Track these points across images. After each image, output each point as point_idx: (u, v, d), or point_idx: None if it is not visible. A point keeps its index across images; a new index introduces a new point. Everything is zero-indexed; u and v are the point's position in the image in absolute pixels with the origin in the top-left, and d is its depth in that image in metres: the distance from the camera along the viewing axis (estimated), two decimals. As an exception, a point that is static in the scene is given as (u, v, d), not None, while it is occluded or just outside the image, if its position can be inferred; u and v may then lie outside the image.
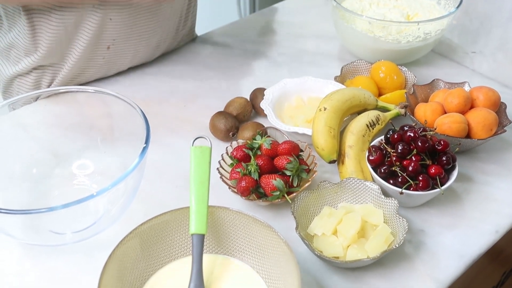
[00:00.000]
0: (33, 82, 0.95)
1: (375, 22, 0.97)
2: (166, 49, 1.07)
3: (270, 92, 0.90)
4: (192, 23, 1.12)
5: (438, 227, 0.74)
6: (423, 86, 0.91)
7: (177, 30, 1.05)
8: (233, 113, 0.89)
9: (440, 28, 0.99)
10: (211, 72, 1.05)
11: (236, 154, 0.77)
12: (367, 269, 0.68)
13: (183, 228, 0.66)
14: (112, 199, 0.68)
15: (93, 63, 0.96)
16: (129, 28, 0.93)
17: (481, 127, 0.81)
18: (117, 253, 0.60)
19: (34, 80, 0.95)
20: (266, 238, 0.63)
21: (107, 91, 0.76)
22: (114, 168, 0.78)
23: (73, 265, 0.69)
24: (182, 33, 1.09)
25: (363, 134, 0.80)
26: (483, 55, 1.04)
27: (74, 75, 0.96)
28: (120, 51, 0.96)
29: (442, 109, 0.84)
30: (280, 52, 1.11)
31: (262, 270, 0.64)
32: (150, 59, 1.05)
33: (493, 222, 0.75)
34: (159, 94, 0.99)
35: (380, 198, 0.72)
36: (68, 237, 0.69)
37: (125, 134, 0.78)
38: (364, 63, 0.98)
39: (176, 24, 1.04)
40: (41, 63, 0.92)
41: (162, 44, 1.04)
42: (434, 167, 0.73)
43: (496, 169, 0.83)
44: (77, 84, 0.99)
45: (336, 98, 0.82)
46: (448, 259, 0.70)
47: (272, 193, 0.73)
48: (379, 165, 0.75)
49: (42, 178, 0.78)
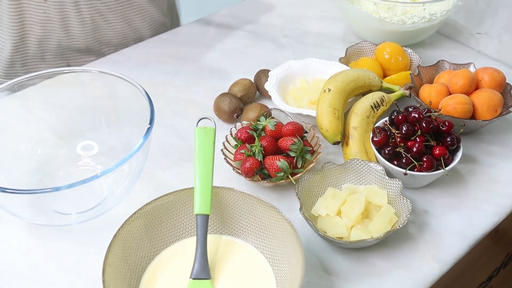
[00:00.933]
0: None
1: (380, 3, 0.96)
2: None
3: (274, 73, 0.89)
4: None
5: (442, 208, 0.74)
6: (428, 67, 0.91)
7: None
8: (237, 94, 0.89)
9: (445, 9, 0.98)
10: (215, 53, 1.05)
11: (240, 135, 0.77)
12: (370, 249, 0.69)
13: (187, 208, 0.66)
14: (116, 180, 0.68)
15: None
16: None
17: (486, 108, 0.80)
18: (122, 233, 0.60)
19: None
20: (270, 218, 0.64)
21: (111, 72, 0.76)
22: (118, 149, 0.78)
23: (78, 245, 0.69)
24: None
25: (368, 115, 0.80)
26: (489, 36, 1.03)
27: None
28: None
29: (447, 90, 0.84)
30: (285, 33, 1.10)
31: (266, 251, 0.65)
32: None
33: (497, 203, 0.75)
34: (163, 76, 0.98)
35: (384, 179, 0.73)
36: (73, 218, 0.70)
37: (130, 115, 0.78)
38: (369, 44, 0.98)
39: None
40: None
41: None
42: (438, 148, 0.72)
43: (501, 150, 0.83)
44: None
45: (341, 80, 0.82)
46: (451, 239, 0.70)
47: (276, 174, 0.73)
48: (383, 146, 0.75)
49: (47, 159, 0.78)
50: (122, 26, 0.99)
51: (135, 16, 1.00)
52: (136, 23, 1.00)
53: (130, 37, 1.01)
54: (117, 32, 1.00)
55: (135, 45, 1.07)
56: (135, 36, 1.03)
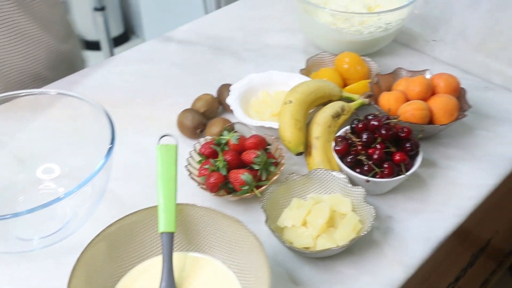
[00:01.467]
0: None
1: (337, 14, 0.98)
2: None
3: (236, 87, 0.90)
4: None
5: (405, 212, 0.76)
6: (386, 75, 0.93)
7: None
8: (200, 110, 0.89)
9: (400, 18, 1.00)
10: (177, 69, 1.05)
11: (204, 150, 0.78)
12: (337, 257, 0.69)
13: (152, 227, 0.66)
14: (79, 201, 0.67)
15: None
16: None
17: (443, 112, 0.82)
18: (84, 257, 0.59)
19: None
20: (236, 232, 0.64)
21: (69, 93, 0.75)
22: (80, 171, 0.76)
23: (42, 272, 0.68)
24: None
25: (329, 125, 0.81)
26: (443, 43, 1.06)
27: None
28: None
29: (405, 97, 0.86)
30: (246, 47, 1.11)
31: (233, 265, 0.65)
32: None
33: (457, 205, 0.77)
34: (124, 94, 0.98)
35: (348, 187, 0.74)
36: (35, 243, 0.69)
37: (91, 136, 0.77)
38: (328, 55, 0.99)
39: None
40: None
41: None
42: (398, 154, 0.74)
43: (459, 153, 0.85)
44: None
45: (301, 91, 0.83)
46: (415, 243, 0.71)
47: (241, 188, 0.73)
48: (345, 155, 0.76)
49: (7, 184, 0.76)
50: (18, 61, 0.92)
51: (29, 48, 0.92)
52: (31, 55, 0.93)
53: (27, 72, 0.94)
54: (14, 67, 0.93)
55: (96, 64, 1.06)
56: (33, 71, 0.96)
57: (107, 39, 2.65)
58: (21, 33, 0.89)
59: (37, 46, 0.95)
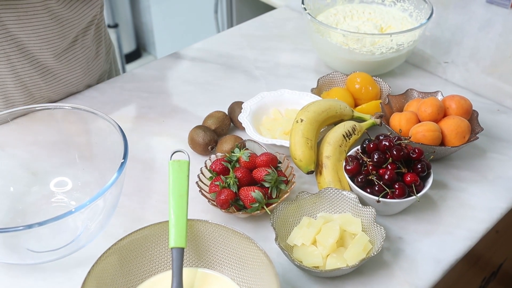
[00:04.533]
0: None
1: (349, 34, 0.99)
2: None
3: (247, 105, 0.91)
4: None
5: (416, 234, 0.75)
6: (398, 96, 0.93)
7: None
8: (212, 126, 0.90)
9: (412, 39, 1.01)
10: (189, 86, 1.06)
11: (215, 167, 0.78)
12: (346, 277, 0.69)
13: (162, 242, 0.66)
14: (91, 215, 0.68)
15: None
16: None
17: (455, 134, 0.82)
18: (96, 270, 0.60)
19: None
20: (246, 249, 0.64)
21: (84, 108, 0.76)
22: (92, 185, 0.78)
23: (52, 284, 0.68)
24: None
25: (340, 144, 0.82)
26: (455, 65, 1.06)
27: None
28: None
29: (416, 118, 0.86)
30: (257, 65, 1.12)
31: (242, 282, 0.64)
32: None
33: (469, 227, 0.76)
34: (137, 110, 0.99)
35: (358, 207, 0.73)
36: (46, 256, 0.69)
37: (103, 150, 0.78)
38: (339, 74, 1.00)
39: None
40: None
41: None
42: (409, 175, 0.74)
43: (470, 175, 0.85)
44: None
45: (313, 110, 0.83)
46: (425, 265, 0.71)
47: (251, 205, 0.73)
48: (356, 175, 0.76)
49: (20, 196, 0.77)
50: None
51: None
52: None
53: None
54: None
55: (109, 80, 1.07)
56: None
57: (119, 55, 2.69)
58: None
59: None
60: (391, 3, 1.12)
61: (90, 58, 1.01)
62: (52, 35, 0.89)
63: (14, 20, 0.84)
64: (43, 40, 0.88)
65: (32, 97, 0.95)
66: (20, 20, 0.84)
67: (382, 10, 1.12)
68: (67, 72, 0.97)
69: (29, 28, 0.86)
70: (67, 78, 0.98)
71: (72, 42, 0.94)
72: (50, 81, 0.95)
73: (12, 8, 0.82)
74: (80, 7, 0.92)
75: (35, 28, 0.86)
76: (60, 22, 0.89)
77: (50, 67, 0.93)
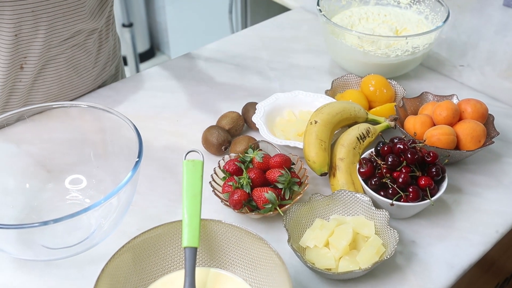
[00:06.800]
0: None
1: (364, 36, 0.99)
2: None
3: (261, 106, 0.91)
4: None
5: (429, 238, 0.75)
6: (412, 99, 0.93)
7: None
8: (225, 127, 0.90)
9: (428, 42, 1.00)
10: (203, 87, 1.06)
11: (228, 167, 0.78)
12: (359, 280, 0.69)
13: (175, 241, 0.66)
14: (105, 213, 0.68)
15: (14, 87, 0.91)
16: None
17: (470, 138, 0.82)
18: (109, 268, 0.60)
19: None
20: (259, 250, 0.64)
21: (99, 106, 0.76)
22: (107, 183, 0.78)
23: (65, 280, 0.69)
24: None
25: (354, 146, 0.81)
26: (471, 68, 1.06)
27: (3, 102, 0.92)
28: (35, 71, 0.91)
29: (431, 121, 0.85)
30: (272, 66, 1.12)
31: (254, 283, 0.64)
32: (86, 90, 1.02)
33: (483, 232, 0.76)
34: (152, 109, 0.99)
35: (371, 210, 0.73)
36: (60, 252, 0.70)
37: (118, 149, 0.78)
38: (354, 77, 1.00)
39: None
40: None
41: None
42: (424, 179, 0.73)
43: (485, 180, 0.84)
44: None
45: (327, 112, 0.83)
46: (439, 269, 0.70)
47: (264, 206, 0.73)
48: (369, 177, 0.76)
49: (35, 193, 0.78)
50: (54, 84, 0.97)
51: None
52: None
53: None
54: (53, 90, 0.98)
55: (124, 79, 1.08)
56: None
57: (133, 54, 2.70)
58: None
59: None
60: (406, 6, 1.12)
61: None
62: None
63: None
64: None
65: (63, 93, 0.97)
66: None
67: (397, 13, 1.11)
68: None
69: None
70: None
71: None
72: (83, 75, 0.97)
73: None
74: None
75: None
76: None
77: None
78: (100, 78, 1.05)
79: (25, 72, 0.89)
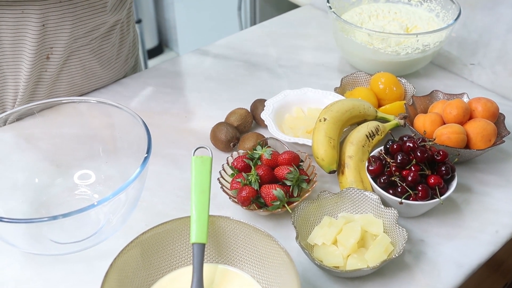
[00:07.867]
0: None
1: (374, 34, 0.98)
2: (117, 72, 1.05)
3: (270, 103, 0.90)
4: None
5: (438, 237, 0.74)
6: (422, 97, 0.92)
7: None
8: (234, 123, 0.90)
9: (438, 40, 1.00)
10: (212, 83, 1.06)
11: (237, 164, 0.78)
12: (367, 278, 0.68)
13: (184, 237, 0.66)
14: (113, 209, 0.69)
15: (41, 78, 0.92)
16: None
17: (480, 137, 0.81)
18: (118, 263, 0.60)
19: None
20: (267, 247, 0.64)
21: (109, 102, 0.77)
22: (115, 178, 0.78)
23: (74, 275, 0.69)
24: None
25: (363, 144, 0.81)
26: (481, 67, 1.05)
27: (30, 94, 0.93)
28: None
29: (441, 119, 0.85)
30: (281, 63, 1.12)
31: (262, 280, 0.64)
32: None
33: (492, 232, 0.75)
34: (160, 105, 1.00)
35: (380, 208, 0.73)
36: (69, 247, 0.70)
37: (127, 145, 0.78)
38: (363, 74, 0.99)
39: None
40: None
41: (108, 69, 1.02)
42: (433, 177, 0.73)
43: (495, 179, 0.83)
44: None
45: (336, 109, 0.83)
46: (447, 269, 0.70)
47: (272, 203, 0.73)
48: (378, 175, 0.76)
49: (44, 188, 0.78)
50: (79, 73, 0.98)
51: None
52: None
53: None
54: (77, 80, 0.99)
55: (133, 75, 1.08)
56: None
57: (142, 50, 2.71)
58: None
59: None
60: (417, 3, 1.11)
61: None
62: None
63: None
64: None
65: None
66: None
67: (408, 10, 1.10)
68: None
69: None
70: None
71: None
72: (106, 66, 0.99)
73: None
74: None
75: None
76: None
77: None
78: (123, 70, 1.06)
79: (51, 62, 0.91)
